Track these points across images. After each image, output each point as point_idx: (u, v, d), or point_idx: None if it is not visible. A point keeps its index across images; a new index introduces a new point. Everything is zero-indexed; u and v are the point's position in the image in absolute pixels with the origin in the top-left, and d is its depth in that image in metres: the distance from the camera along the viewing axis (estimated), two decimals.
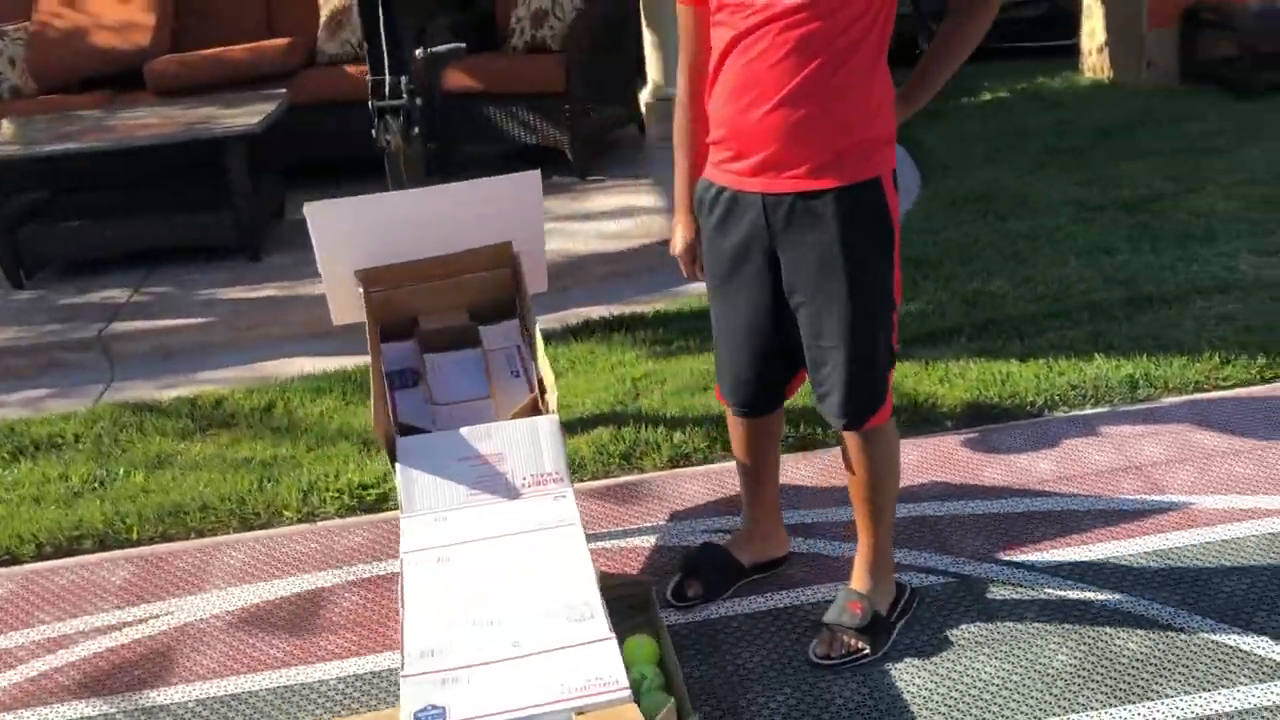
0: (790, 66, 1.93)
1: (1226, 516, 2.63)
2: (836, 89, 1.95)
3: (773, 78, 1.95)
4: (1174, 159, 5.20)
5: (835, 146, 1.98)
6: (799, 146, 1.99)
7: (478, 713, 1.77)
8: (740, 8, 1.97)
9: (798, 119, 1.96)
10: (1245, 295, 3.75)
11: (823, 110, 1.96)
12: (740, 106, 2.01)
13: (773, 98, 1.96)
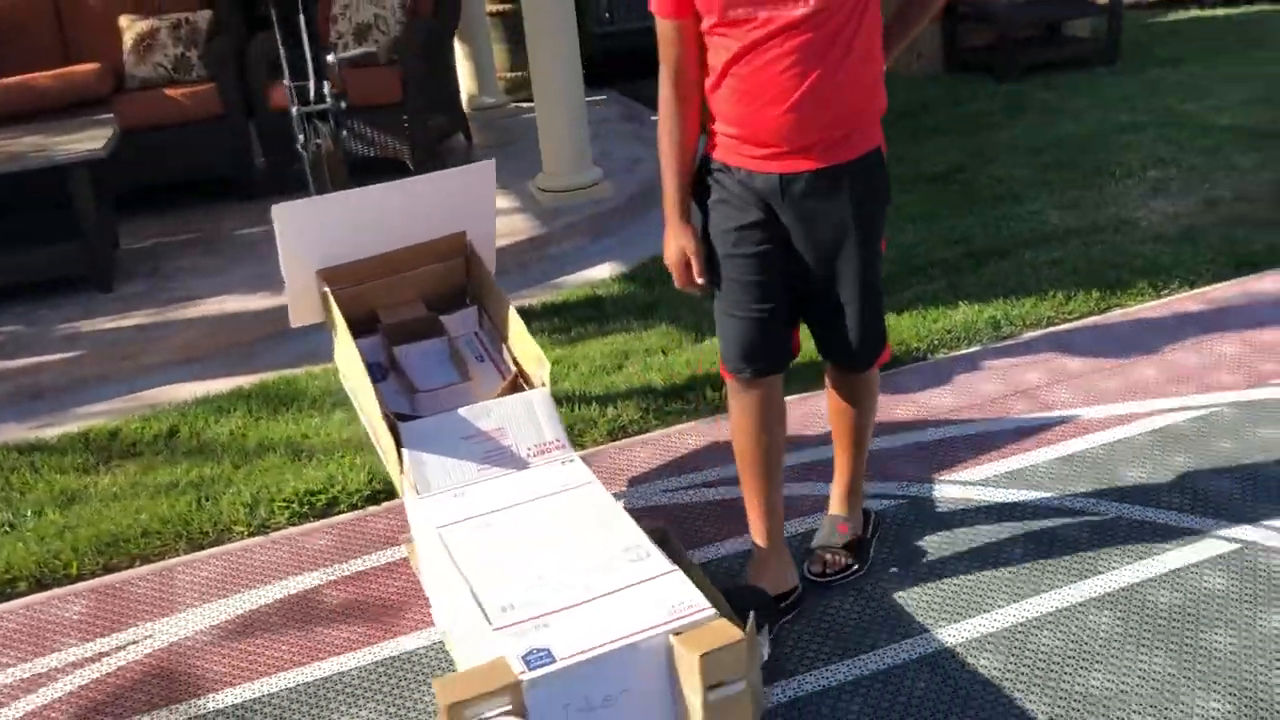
0: (798, 73, 2.07)
1: (1111, 422, 3.07)
2: (841, 82, 2.10)
3: (782, 84, 2.09)
4: (963, 136, 5.80)
5: (845, 127, 2.16)
6: (813, 134, 2.14)
7: (581, 648, 1.89)
8: (742, 23, 2.08)
9: (810, 116, 2.11)
10: (1062, 243, 4.29)
11: (833, 104, 2.11)
12: (754, 108, 2.13)
13: (785, 102, 2.10)
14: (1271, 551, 2.49)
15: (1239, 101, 5.82)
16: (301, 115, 2.98)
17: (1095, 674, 2.20)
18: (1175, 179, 4.85)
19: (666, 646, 1.92)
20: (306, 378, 3.88)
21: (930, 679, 2.23)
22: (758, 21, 2.07)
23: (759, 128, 2.15)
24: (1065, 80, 6.66)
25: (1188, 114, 5.71)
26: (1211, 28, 7.67)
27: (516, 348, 2.72)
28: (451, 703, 1.79)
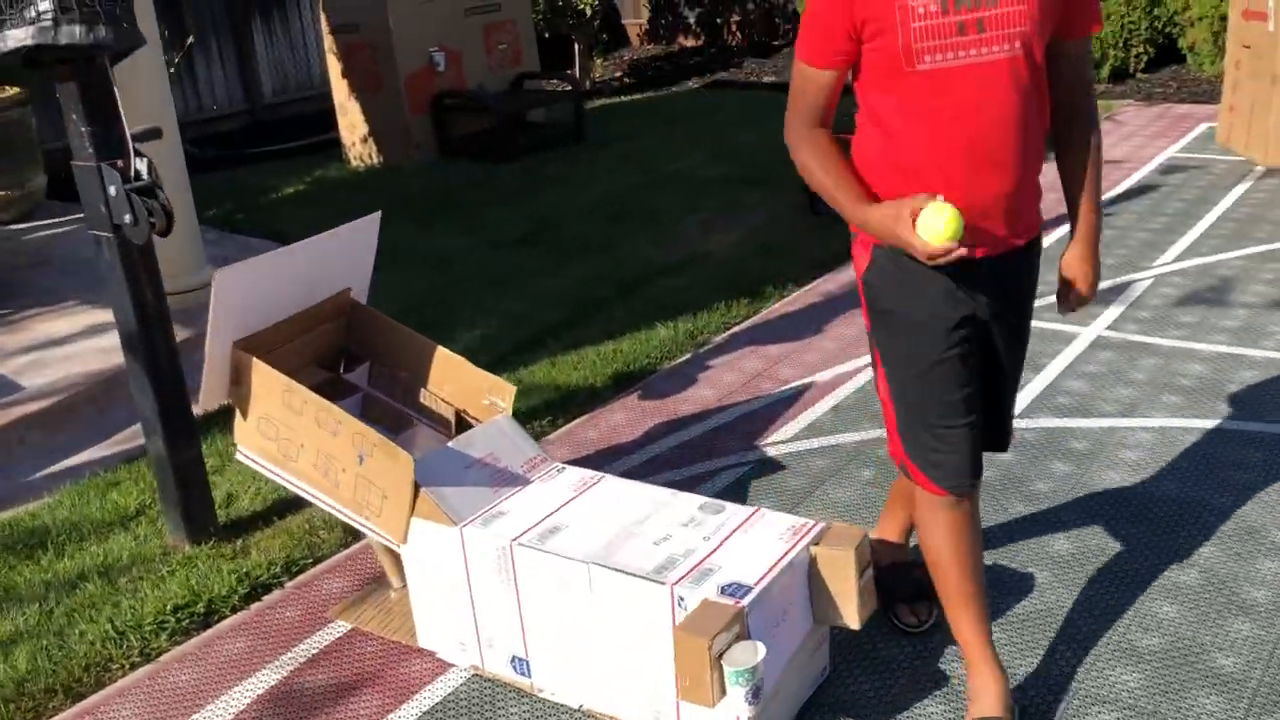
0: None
1: (841, 379, 3.88)
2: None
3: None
4: (510, 208, 6.42)
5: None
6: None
7: (757, 576, 2.17)
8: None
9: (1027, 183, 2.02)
10: (679, 272, 5.10)
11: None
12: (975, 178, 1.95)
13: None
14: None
15: (706, 160, 7.18)
16: (125, 194, 2.70)
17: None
18: (712, 219, 5.93)
19: (808, 559, 2.26)
20: (30, 516, 3.35)
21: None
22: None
23: (982, 203, 1.99)
24: (554, 158, 7.60)
25: (679, 172, 6.91)
26: (634, 110, 9.17)
27: (448, 386, 2.79)
28: (708, 639, 1.98)
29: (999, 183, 1.96)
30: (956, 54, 1.87)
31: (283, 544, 3.09)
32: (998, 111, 1.90)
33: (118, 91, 2.70)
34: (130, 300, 2.85)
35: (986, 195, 1.96)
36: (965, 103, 1.89)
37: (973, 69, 1.88)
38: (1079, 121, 2.08)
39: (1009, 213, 2.01)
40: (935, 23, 1.86)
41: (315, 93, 10.09)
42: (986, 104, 1.89)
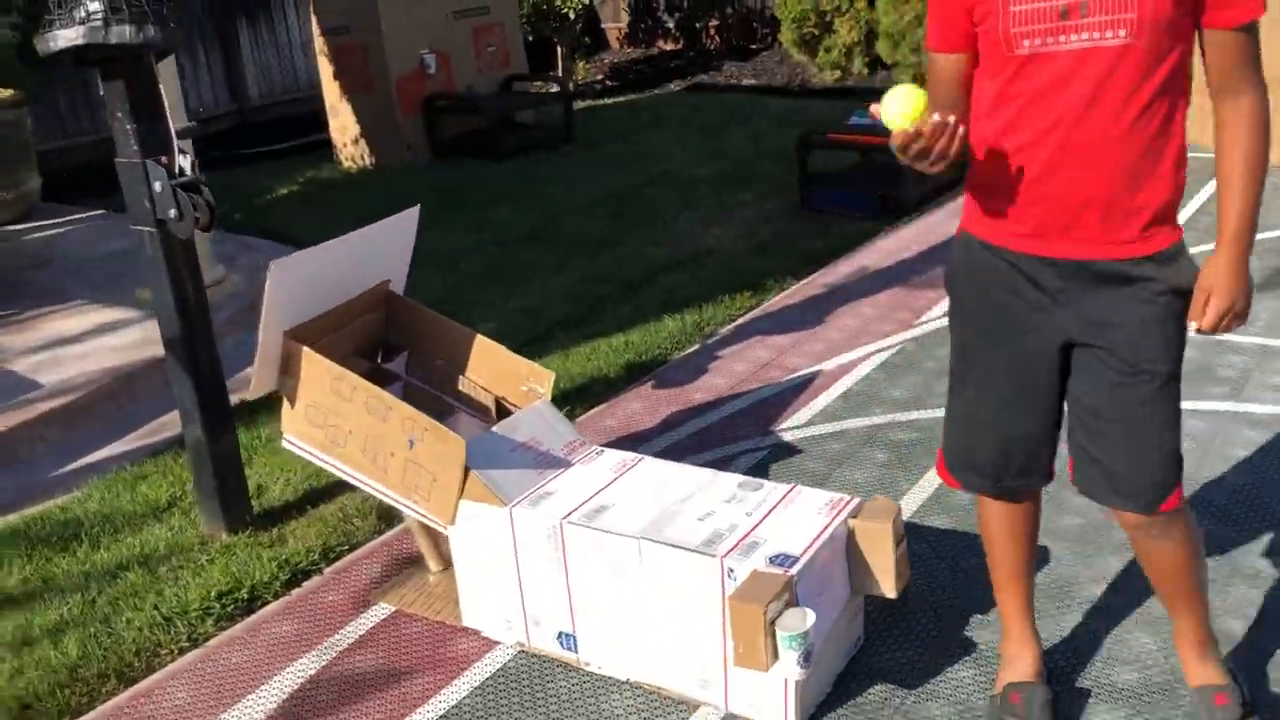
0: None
1: (847, 368, 4.00)
2: None
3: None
4: (513, 205, 6.51)
5: None
6: None
7: (802, 547, 2.27)
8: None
9: None
10: (683, 268, 5.20)
11: None
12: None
13: None
14: None
15: (695, 160, 7.29)
16: (170, 189, 2.77)
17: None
18: (710, 216, 6.04)
19: (847, 532, 2.37)
20: (61, 509, 3.40)
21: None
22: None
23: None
24: (544, 158, 7.69)
25: (670, 172, 7.02)
26: (619, 111, 9.27)
27: (486, 372, 2.88)
28: (763, 606, 2.09)
29: (1093, 180, 1.86)
30: (1058, 39, 1.80)
31: (318, 531, 3.17)
32: (1097, 101, 1.81)
33: (162, 89, 2.77)
34: (172, 293, 2.92)
35: (1077, 192, 1.88)
36: (1063, 90, 1.82)
37: (1075, 55, 1.80)
38: (1223, 119, 1.89)
39: (1104, 218, 1.89)
40: (1036, 6, 1.80)
41: (302, 95, 10.13)
42: (1086, 93, 1.81)
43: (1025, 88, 1.86)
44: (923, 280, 4.80)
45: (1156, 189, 1.88)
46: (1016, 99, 1.87)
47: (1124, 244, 1.91)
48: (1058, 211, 1.90)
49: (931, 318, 4.39)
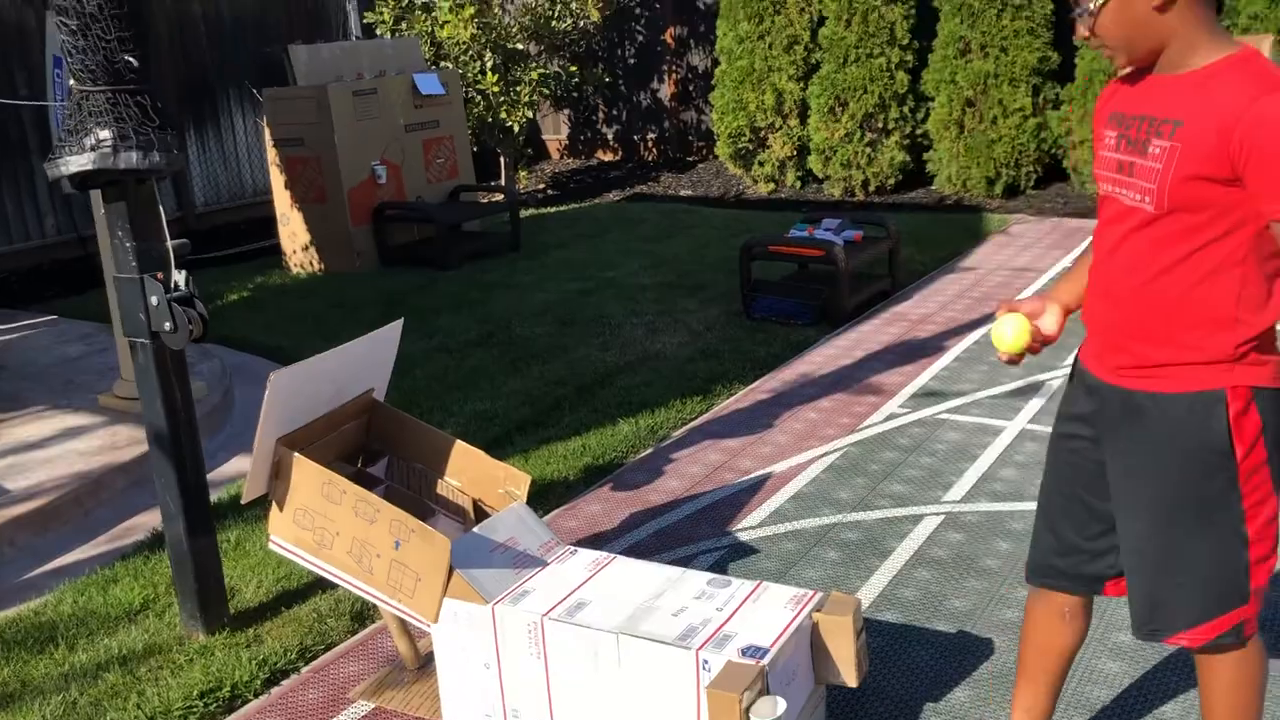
0: None
1: (795, 470, 4.21)
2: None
3: None
4: (461, 312, 6.69)
5: None
6: None
7: (770, 639, 2.44)
8: None
9: None
10: (633, 372, 5.42)
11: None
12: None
13: None
14: (953, 516, 3.80)
15: (639, 269, 7.57)
16: (165, 302, 2.91)
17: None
18: (655, 322, 6.29)
19: (810, 625, 2.55)
20: (34, 613, 3.45)
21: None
22: None
23: None
24: (492, 265, 7.92)
25: (616, 280, 7.29)
26: (562, 220, 9.57)
27: (464, 475, 3.04)
28: (738, 694, 2.25)
29: (1106, 310, 2.10)
30: (1114, 188, 2.06)
31: (294, 631, 3.26)
32: (1118, 249, 2.05)
33: (162, 210, 2.94)
34: (162, 400, 3.05)
35: (1097, 316, 2.13)
36: (1105, 230, 2.10)
37: (1118, 203, 2.05)
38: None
39: (1112, 344, 2.09)
40: (1109, 155, 2.07)
41: (247, 202, 10.30)
42: (1114, 238, 2.06)
43: (1100, 219, 2.14)
44: (862, 386, 5.07)
45: (1176, 346, 2.00)
46: (1098, 224, 2.16)
47: (1123, 373, 2.08)
48: (1090, 332, 2.16)
49: (872, 423, 4.64)
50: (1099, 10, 1.94)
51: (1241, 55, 1.91)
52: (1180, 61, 1.94)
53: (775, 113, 9.71)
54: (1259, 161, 1.83)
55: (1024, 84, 8.78)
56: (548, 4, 10.01)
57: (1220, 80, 1.89)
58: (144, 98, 2.86)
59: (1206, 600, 2.06)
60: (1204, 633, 2.08)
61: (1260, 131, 1.81)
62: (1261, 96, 1.82)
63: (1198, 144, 1.88)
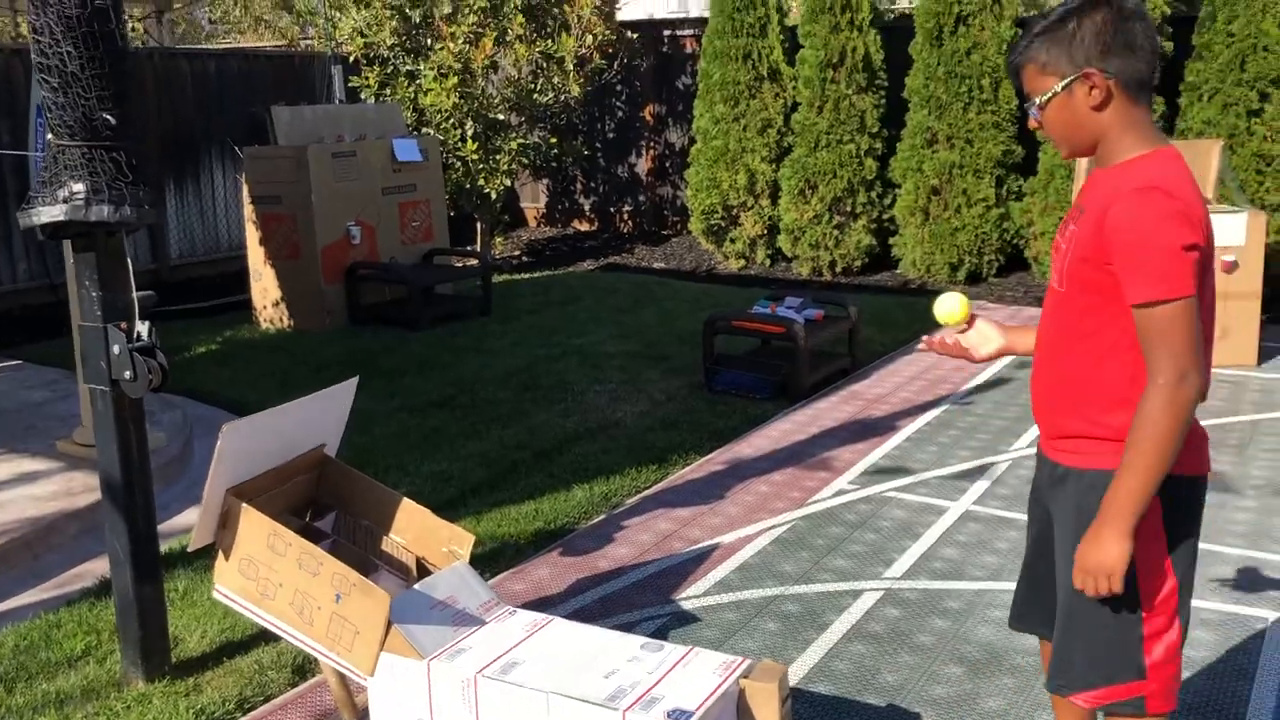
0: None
1: (743, 541, 4.29)
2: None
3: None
4: (427, 374, 6.77)
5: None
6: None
7: (696, 703, 2.50)
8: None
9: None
10: (592, 439, 5.50)
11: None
12: None
13: None
14: (892, 592, 3.87)
15: (607, 337, 7.69)
16: (127, 353, 2.98)
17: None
18: (618, 391, 6.39)
19: (737, 690, 2.62)
20: None
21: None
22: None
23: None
24: (462, 329, 8.02)
25: (583, 347, 7.40)
26: (536, 286, 9.70)
27: (409, 533, 3.10)
28: None
29: (1035, 381, 2.29)
30: (1052, 269, 2.25)
31: (234, 682, 3.29)
32: (1044, 325, 2.26)
33: (129, 262, 3.03)
34: (118, 447, 3.11)
35: (1032, 386, 2.31)
36: (1043, 308, 2.29)
37: (1050, 285, 2.26)
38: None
39: (1039, 414, 2.27)
40: (1057, 239, 2.27)
41: (221, 256, 10.40)
42: (1044, 315, 2.26)
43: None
44: (814, 462, 5.17)
45: (1079, 419, 2.15)
46: None
47: (1050, 441, 2.26)
48: (1031, 402, 2.32)
49: (821, 497, 4.74)
50: (1045, 105, 2.12)
51: (1153, 154, 2.07)
52: (1109, 156, 2.11)
53: (748, 192, 9.94)
54: (1117, 251, 2.00)
55: (988, 175, 9.04)
56: (530, 77, 10.25)
57: (1120, 174, 2.07)
58: (119, 154, 2.97)
59: (1102, 667, 2.16)
60: (1099, 697, 2.18)
61: (1118, 223, 1.98)
62: (1130, 193, 1.98)
63: (1087, 231, 2.06)
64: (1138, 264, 1.98)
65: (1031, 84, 2.14)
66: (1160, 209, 1.96)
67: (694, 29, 11.52)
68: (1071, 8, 2.08)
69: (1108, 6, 2.04)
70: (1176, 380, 1.98)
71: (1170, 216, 1.96)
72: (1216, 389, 6.21)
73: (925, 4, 9.08)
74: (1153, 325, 1.99)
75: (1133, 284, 2.00)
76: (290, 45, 11.84)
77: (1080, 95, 2.08)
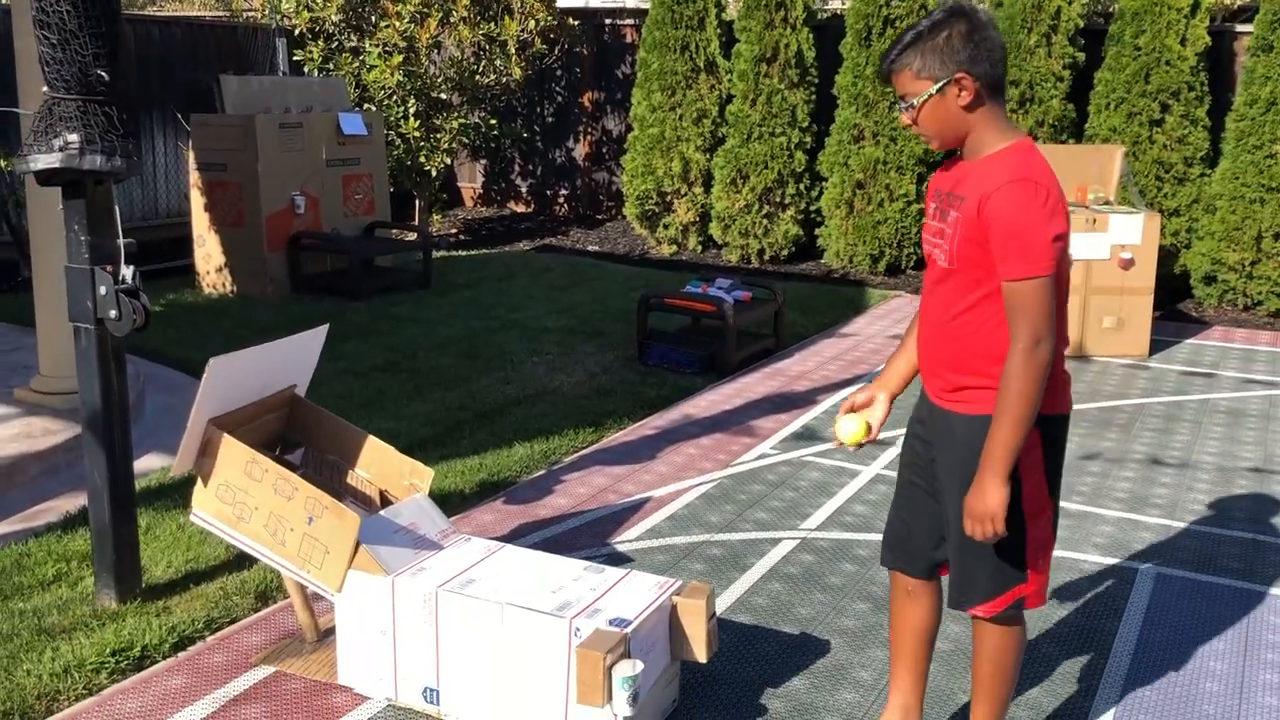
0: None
1: (672, 495, 4.64)
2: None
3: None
4: (369, 340, 7.00)
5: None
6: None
7: (635, 613, 2.83)
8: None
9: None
10: (530, 404, 5.80)
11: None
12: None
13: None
14: (808, 540, 4.25)
15: (544, 313, 7.98)
16: (114, 293, 3.20)
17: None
18: (555, 361, 6.69)
19: (670, 607, 2.96)
20: None
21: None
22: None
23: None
24: (404, 300, 8.25)
25: (522, 321, 7.68)
26: (473, 263, 9.94)
27: (373, 469, 3.38)
28: (603, 653, 2.64)
29: (925, 344, 2.60)
30: (932, 249, 2.53)
31: (202, 605, 3.54)
32: (932, 296, 2.55)
33: (117, 209, 3.26)
34: (99, 382, 3.34)
35: (921, 349, 2.62)
36: (927, 282, 2.59)
37: (934, 260, 2.53)
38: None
39: (931, 371, 2.60)
40: (931, 223, 2.57)
41: (161, 222, 10.43)
42: (930, 288, 2.57)
43: (926, 274, 2.62)
44: (739, 429, 5.53)
45: (970, 373, 2.49)
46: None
47: (936, 395, 2.60)
48: (919, 361, 2.65)
49: (745, 460, 5.10)
50: (920, 106, 2.45)
51: (1014, 146, 2.44)
52: (977, 149, 2.47)
53: (681, 180, 10.28)
54: (995, 234, 2.35)
55: (910, 172, 9.50)
56: (473, 58, 10.47)
57: (991, 165, 2.42)
58: (111, 108, 3.20)
59: (996, 578, 2.55)
60: (995, 605, 2.57)
61: (996, 211, 2.34)
62: (1007, 184, 2.34)
63: (969, 216, 2.40)
64: (1011, 246, 2.33)
65: (906, 87, 2.45)
66: (1033, 199, 2.33)
67: (634, 19, 11.83)
68: (938, 20, 2.41)
69: (967, 19, 2.39)
70: (1032, 345, 2.33)
71: (1042, 207, 2.33)
72: (1109, 375, 6.73)
73: (856, 6, 9.51)
74: (1017, 298, 2.35)
75: (1004, 263, 2.35)
76: (233, 16, 11.88)
77: (951, 96, 2.41)
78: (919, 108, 2.45)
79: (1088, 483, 4.92)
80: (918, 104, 2.45)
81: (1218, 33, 8.93)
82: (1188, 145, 8.59)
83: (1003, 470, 2.38)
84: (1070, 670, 3.35)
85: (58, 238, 4.37)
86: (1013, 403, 2.35)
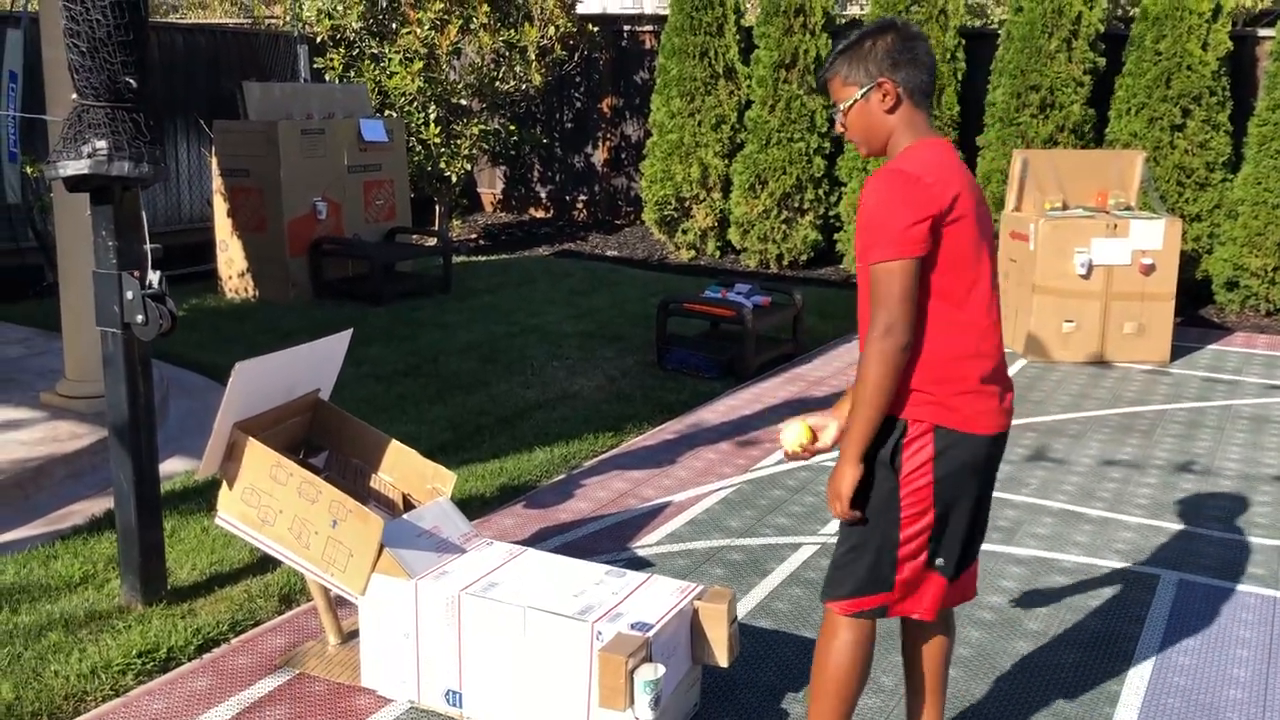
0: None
1: (692, 500, 4.65)
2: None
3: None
4: (391, 345, 7.04)
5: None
6: None
7: (656, 618, 2.84)
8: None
9: None
10: (551, 408, 5.82)
11: None
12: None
13: None
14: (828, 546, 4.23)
15: (563, 318, 8.01)
16: (140, 299, 3.24)
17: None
18: (575, 366, 6.72)
19: (692, 610, 2.96)
20: None
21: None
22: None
23: None
24: (425, 305, 8.29)
25: (542, 326, 7.71)
26: (493, 269, 9.98)
27: (396, 472, 3.40)
28: (625, 656, 2.65)
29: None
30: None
31: (226, 608, 3.57)
32: (860, 309, 2.47)
33: (144, 214, 3.30)
34: (126, 387, 3.38)
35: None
36: None
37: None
38: None
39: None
40: None
41: (184, 227, 10.52)
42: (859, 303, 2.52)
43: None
44: (758, 434, 5.54)
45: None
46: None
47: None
48: None
49: (765, 465, 5.11)
50: (847, 110, 2.51)
51: (917, 144, 2.45)
52: (892, 151, 2.51)
53: (700, 185, 10.30)
54: (859, 222, 2.40)
55: None
56: (493, 64, 10.52)
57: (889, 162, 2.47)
58: (138, 115, 3.24)
59: (860, 580, 2.49)
60: (852, 606, 2.51)
61: (861, 200, 2.39)
62: (874, 176, 2.39)
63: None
64: (868, 232, 2.36)
65: (837, 94, 2.52)
66: (891, 187, 2.34)
67: (653, 25, 11.86)
68: (866, 31, 2.48)
69: (895, 30, 2.46)
70: (883, 332, 2.33)
71: (900, 192, 2.32)
72: (1131, 381, 6.71)
73: (875, 12, 9.51)
74: (875, 283, 2.34)
75: (863, 248, 2.37)
76: (255, 24, 11.98)
77: (875, 101, 2.46)
78: (846, 112, 2.51)
79: (1109, 489, 4.90)
80: (844, 109, 2.51)
81: (1239, 37, 8.89)
82: (1209, 150, 8.56)
83: (853, 453, 2.40)
84: (1092, 677, 3.35)
85: (84, 243, 4.42)
86: (861, 389, 2.37)
